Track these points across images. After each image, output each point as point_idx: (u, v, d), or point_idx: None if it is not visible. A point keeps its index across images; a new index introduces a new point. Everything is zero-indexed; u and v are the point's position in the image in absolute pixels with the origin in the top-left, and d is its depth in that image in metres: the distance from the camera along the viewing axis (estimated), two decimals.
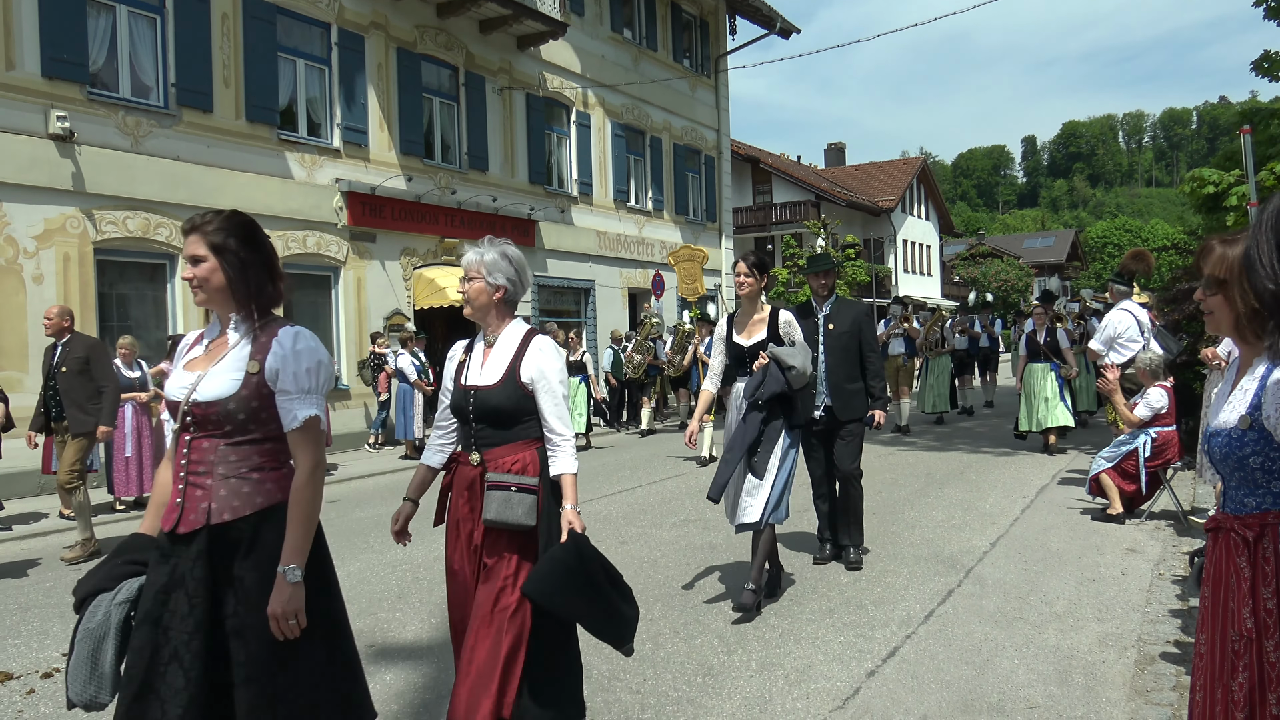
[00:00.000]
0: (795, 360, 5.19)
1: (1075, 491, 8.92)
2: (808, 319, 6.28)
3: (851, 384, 6.22)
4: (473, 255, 3.36)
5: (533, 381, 3.27)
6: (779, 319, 5.45)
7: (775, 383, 5.18)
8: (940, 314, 16.33)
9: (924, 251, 48.17)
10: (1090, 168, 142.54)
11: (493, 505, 3.19)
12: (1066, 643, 4.75)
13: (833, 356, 6.26)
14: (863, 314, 6.38)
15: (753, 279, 5.38)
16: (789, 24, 25.77)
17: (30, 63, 11.13)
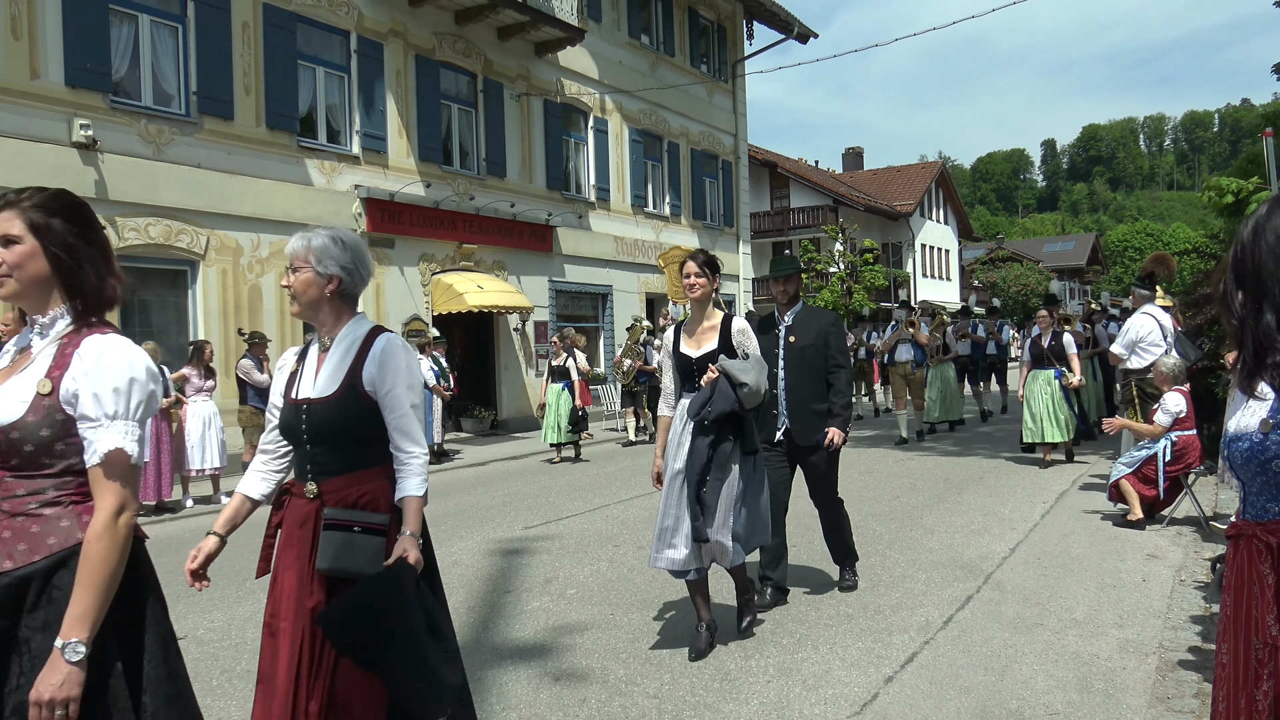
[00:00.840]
0: (748, 376, 4.54)
1: (1095, 497, 8.86)
2: (769, 330, 5.72)
3: (817, 404, 5.55)
4: (297, 242, 2.83)
5: (376, 390, 2.73)
6: (732, 328, 4.79)
7: (725, 401, 4.53)
8: (941, 319, 15.78)
9: (943, 256, 47.98)
10: (1111, 171, 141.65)
11: (329, 550, 2.64)
12: (1087, 649, 4.72)
13: (794, 373, 5.59)
14: (829, 324, 5.66)
15: (704, 280, 4.73)
16: (806, 28, 25.75)
17: (54, 72, 11.27)
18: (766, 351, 5.37)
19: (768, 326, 5.73)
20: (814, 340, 5.57)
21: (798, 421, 5.57)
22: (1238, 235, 1.93)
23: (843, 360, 5.61)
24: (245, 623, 5.68)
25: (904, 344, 14.37)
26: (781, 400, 5.60)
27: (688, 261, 4.79)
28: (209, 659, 5.00)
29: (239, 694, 4.46)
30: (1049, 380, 10.82)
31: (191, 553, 2.90)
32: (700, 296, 4.77)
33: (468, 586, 6.39)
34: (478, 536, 8.14)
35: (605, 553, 7.28)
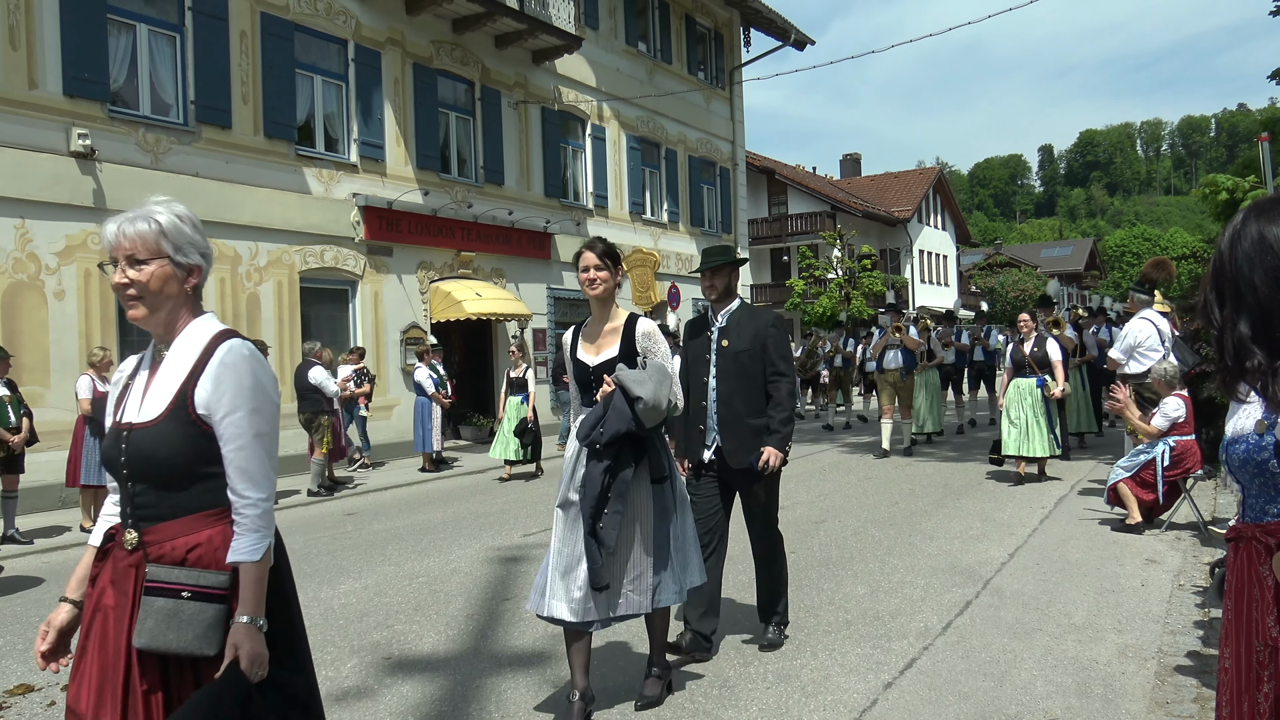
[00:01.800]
0: (643, 389, 3.81)
1: (1094, 502, 8.86)
2: (700, 333, 4.95)
3: (753, 418, 4.73)
4: (138, 226, 2.22)
5: (210, 414, 2.17)
6: (636, 330, 4.09)
7: (620, 419, 3.81)
8: (924, 324, 15.10)
9: (941, 261, 48.03)
10: (1108, 176, 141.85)
11: (147, 621, 2.07)
12: (1086, 654, 4.72)
13: (727, 382, 4.77)
14: (768, 325, 4.81)
15: (605, 273, 4.08)
16: (803, 35, 25.81)
17: (52, 82, 11.29)
18: (697, 357, 4.87)
19: (699, 328, 5.00)
20: (750, 345, 4.75)
21: (730, 439, 4.73)
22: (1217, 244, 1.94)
23: (784, 368, 4.78)
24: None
25: (892, 350, 13.48)
26: (712, 414, 4.79)
27: (584, 252, 4.10)
28: None
29: None
30: (1030, 390, 10.15)
31: (41, 629, 2.30)
32: (601, 293, 4.08)
33: (466, 594, 6.38)
34: (476, 544, 8.13)
35: None
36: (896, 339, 13.35)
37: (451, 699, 4.40)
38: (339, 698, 4.48)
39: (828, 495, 10.02)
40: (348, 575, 7.14)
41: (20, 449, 8.80)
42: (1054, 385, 10.06)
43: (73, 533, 9.40)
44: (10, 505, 8.94)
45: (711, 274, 4.88)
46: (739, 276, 5.03)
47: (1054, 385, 10.06)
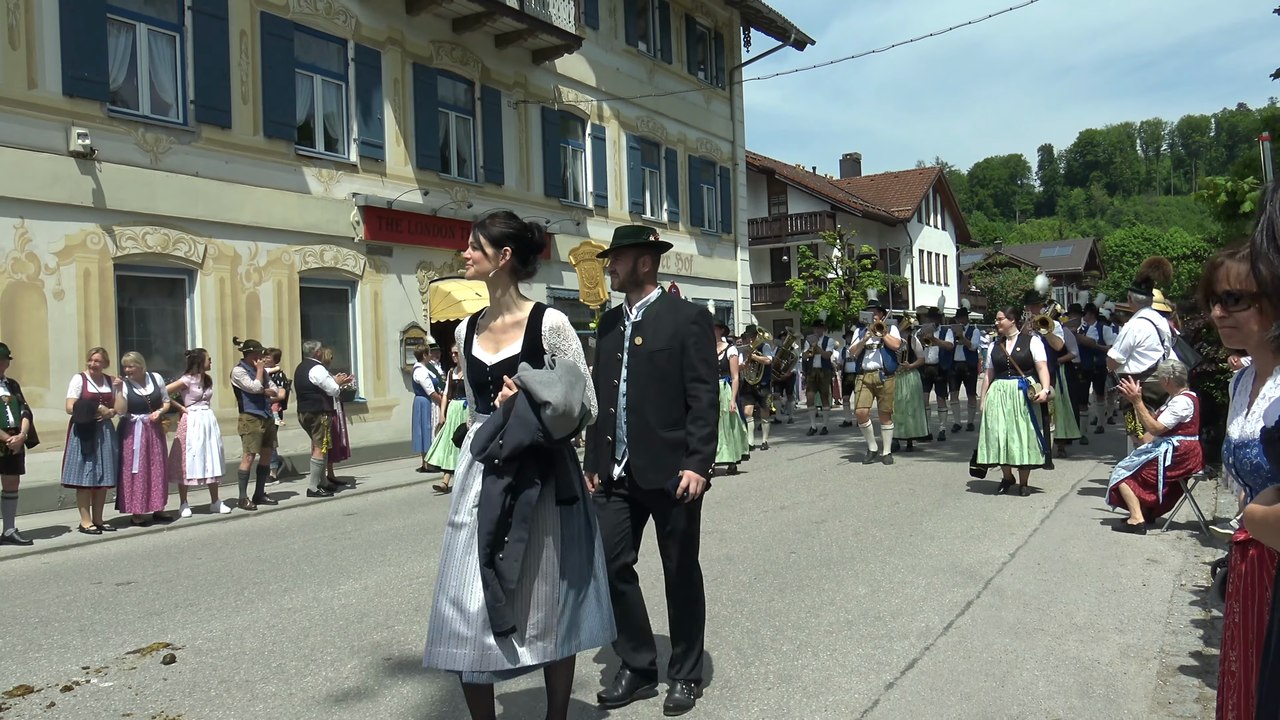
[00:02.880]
0: (552, 391, 3.21)
1: (1095, 501, 8.85)
2: (613, 327, 4.23)
3: (667, 431, 4.04)
4: None
5: None
6: (543, 323, 3.49)
7: (523, 429, 3.21)
8: (906, 322, 14.24)
9: (940, 261, 48.02)
10: (1108, 176, 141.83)
11: None
12: (1087, 654, 4.71)
13: (639, 387, 4.06)
14: (690, 322, 4.08)
15: (478, 254, 3.48)
16: (803, 35, 25.80)
17: (51, 81, 11.27)
18: (608, 356, 4.18)
19: (612, 322, 4.25)
20: (668, 344, 4.04)
21: (640, 454, 4.04)
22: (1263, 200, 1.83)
23: (705, 373, 4.06)
24: (244, 632, 5.66)
25: (872, 349, 12.66)
26: (620, 424, 4.09)
27: (473, 230, 3.56)
28: (207, 669, 4.99)
29: (237, 704, 4.45)
30: (1012, 392, 9.43)
31: None
32: (472, 275, 3.53)
33: None
34: None
35: None
36: (877, 338, 12.57)
37: (452, 700, 4.39)
38: (339, 699, 4.47)
39: (828, 495, 10.01)
40: (348, 576, 7.13)
41: (18, 449, 8.79)
42: (1038, 387, 9.37)
43: (72, 533, 9.39)
44: (10, 506, 8.92)
45: (616, 257, 4.16)
46: (654, 263, 4.22)
47: (1038, 387, 9.37)
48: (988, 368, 9.94)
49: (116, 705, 4.50)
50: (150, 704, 4.49)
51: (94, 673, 5.02)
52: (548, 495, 3.38)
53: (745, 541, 7.75)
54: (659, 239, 4.22)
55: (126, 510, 9.72)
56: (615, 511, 4.14)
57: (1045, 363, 9.49)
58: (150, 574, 7.54)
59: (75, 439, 9.30)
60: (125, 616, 6.22)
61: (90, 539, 9.13)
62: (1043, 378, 9.41)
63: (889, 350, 12.55)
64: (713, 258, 25.12)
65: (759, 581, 6.39)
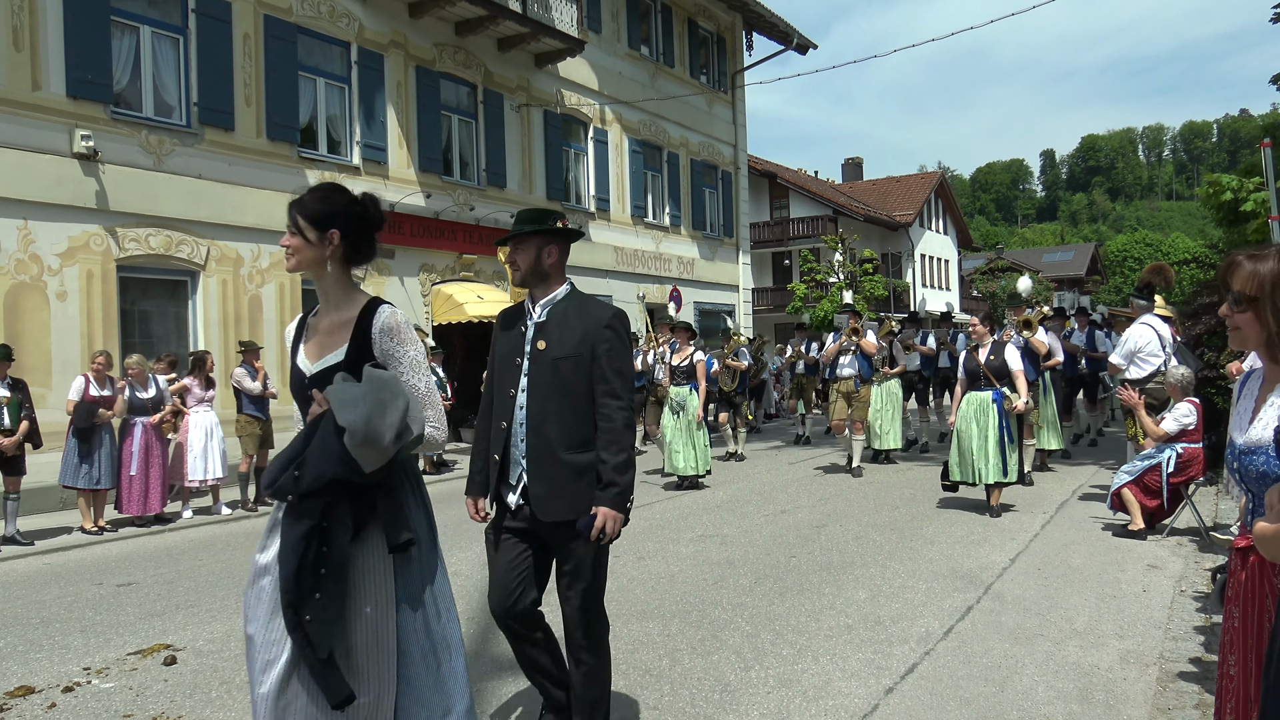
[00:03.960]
0: (350, 413, 2.58)
1: (1096, 507, 8.85)
2: (513, 328, 3.58)
3: (572, 453, 3.39)
4: None
5: None
6: (374, 324, 2.85)
7: (326, 458, 2.60)
8: (888, 326, 13.54)
9: (942, 266, 48.04)
10: (1110, 181, 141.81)
11: None
12: (1087, 660, 4.71)
13: (540, 400, 3.42)
14: (603, 326, 3.44)
15: (297, 240, 2.83)
16: (805, 39, 25.83)
17: (55, 83, 11.30)
18: (505, 361, 3.54)
19: (512, 321, 3.60)
20: (575, 350, 3.41)
21: (540, 480, 3.39)
22: None
23: (619, 386, 3.41)
24: None
25: (847, 355, 11.96)
26: (518, 442, 3.46)
27: (289, 211, 2.89)
28: (208, 671, 4.99)
29: (238, 706, 4.45)
30: (986, 405, 8.75)
31: None
32: (294, 266, 2.88)
33: (467, 598, 6.38)
34: (477, 547, 8.11)
35: None
36: (853, 343, 11.92)
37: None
38: None
39: (828, 499, 10.02)
40: None
41: (12, 452, 8.79)
42: (1014, 398, 8.65)
43: (73, 534, 9.40)
44: (12, 506, 8.94)
45: (516, 247, 3.51)
46: (562, 254, 3.57)
47: (1014, 398, 8.65)
48: (960, 377, 9.16)
49: (117, 706, 4.51)
50: (151, 705, 4.50)
51: (95, 673, 5.03)
52: (372, 540, 2.72)
53: (746, 545, 7.76)
54: (568, 224, 3.59)
55: (124, 512, 9.73)
56: (511, 546, 3.50)
57: (1021, 371, 8.82)
58: (151, 575, 7.55)
59: (73, 441, 9.32)
60: (126, 617, 6.23)
61: (92, 540, 9.15)
62: (1019, 388, 8.69)
63: (864, 356, 11.93)
64: (714, 261, 25.13)
65: (759, 585, 6.39)
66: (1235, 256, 2.23)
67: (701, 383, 11.33)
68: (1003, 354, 8.81)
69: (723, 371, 14.76)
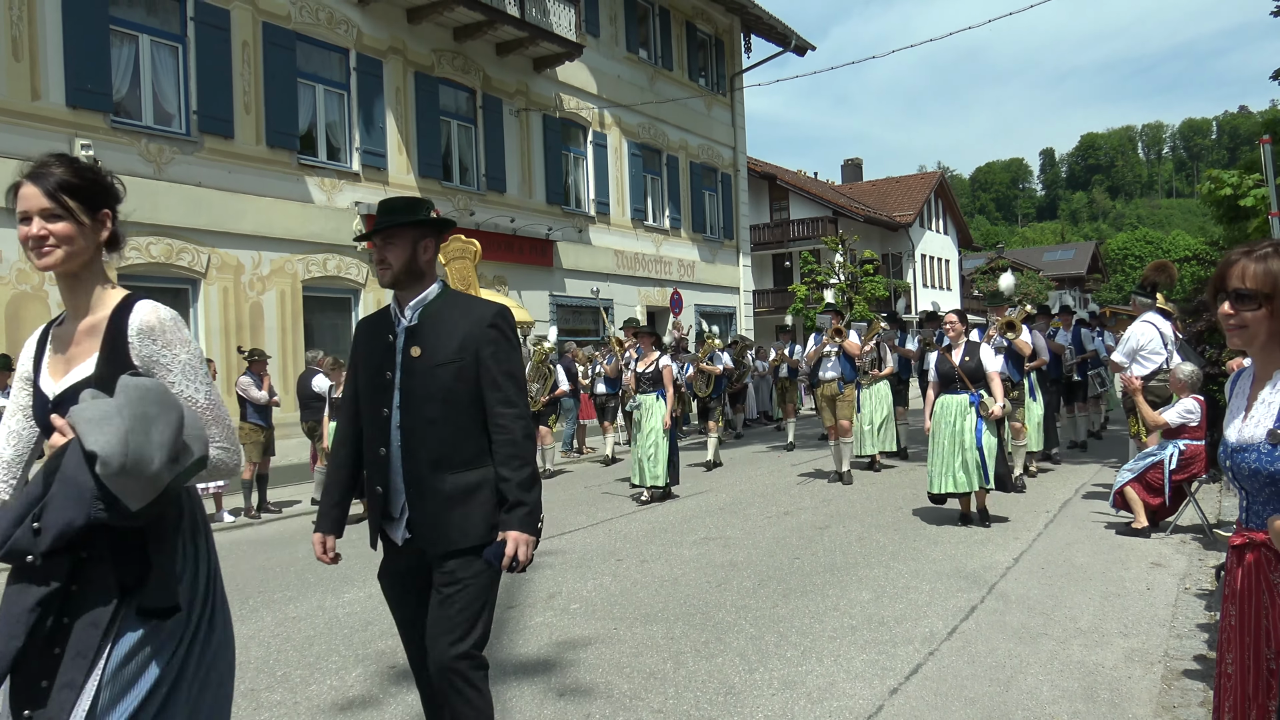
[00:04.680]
0: (103, 434, 1.97)
1: (1099, 505, 8.84)
2: (379, 337, 3.10)
3: (456, 474, 2.96)
4: None
5: None
6: (128, 324, 2.29)
7: (73, 500, 1.98)
8: (876, 327, 12.79)
9: (943, 266, 48.03)
10: (1109, 179, 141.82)
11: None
12: (1091, 659, 4.71)
13: (415, 415, 3.00)
14: (485, 324, 3.01)
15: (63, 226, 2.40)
16: (804, 41, 25.85)
17: (55, 93, 11.32)
18: (373, 374, 3.06)
19: (377, 329, 3.12)
20: (456, 355, 2.95)
21: (421, 508, 2.97)
22: None
23: (514, 392, 2.99)
24: (248, 641, 5.67)
25: (829, 358, 11.40)
26: (396, 468, 3.02)
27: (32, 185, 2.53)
28: None
29: (241, 713, 4.45)
30: (961, 409, 8.19)
31: None
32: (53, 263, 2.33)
33: None
34: None
35: (608, 567, 7.27)
36: (835, 344, 11.31)
37: None
38: (344, 707, 4.48)
39: (831, 501, 10.01)
40: (352, 584, 7.13)
41: None
42: (991, 402, 8.07)
43: None
44: None
45: (385, 242, 3.02)
46: (436, 248, 3.13)
47: (991, 402, 8.07)
48: (931, 380, 8.57)
49: None
50: None
51: None
52: (126, 606, 2.09)
53: (749, 547, 7.76)
54: (440, 215, 3.16)
55: None
56: (410, 590, 3.12)
57: (998, 374, 8.27)
58: None
59: None
60: None
61: None
62: (995, 391, 8.11)
63: (847, 358, 11.36)
64: (715, 264, 25.14)
65: (763, 587, 6.39)
66: (1232, 255, 2.22)
67: (669, 390, 10.56)
68: (978, 355, 8.26)
69: (697, 377, 14.44)
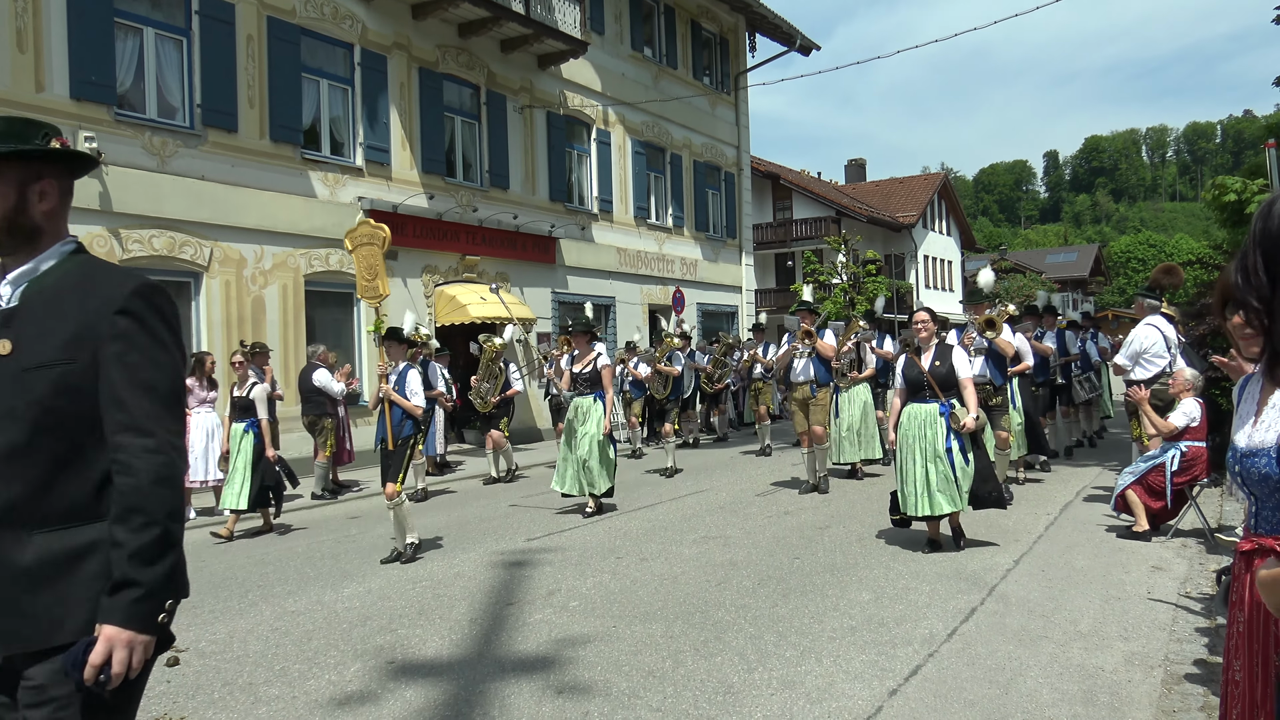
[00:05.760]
0: None
1: (1100, 508, 8.83)
2: None
3: (49, 532, 2.01)
4: None
5: None
6: None
7: None
8: (856, 326, 11.96)
9: (945, 267, 47.99)
10: (1113, 182, 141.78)
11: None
12: (1092, 662, 4.70)
13: None
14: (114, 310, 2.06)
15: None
16: (809, 41, 25.82)
17: (59, 85, 11.31)
18: None
19: None
20: (60, 355, 2.05)
21: None
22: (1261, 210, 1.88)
23: (145, 416, 2.05)
24: (247, 635, 5.67)
25: (801, 359, 10.54)
26: None
27: None
28: (210, 672, 4.99)
29: (240, 706, 4.45)
30: (930, 420, 7.28)
31: None
32: None
33: (470, 598, 6.37)
34: (480, 548, 8.12)
35: (608, 565, 7.26)
36: (807, 346, 10.46)
37: (455, 704, 4.39)
38: (342, 702, 4.48)
39: (831, 501, 10.00)
40: (351, 579, 7.14)
41: None
42: (963, 414, 7.17)
43: None
44: None
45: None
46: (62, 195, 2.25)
47: (963, 414, 7.17)
48: (898, 387, 7.66)
49: None
50: (154, 706, 4.50)
51: None
52: None
53: (749, 547, 7.75)
54: (68, 145, 2.26)
55: None
56: None
57: (971, 380, 7.36)
58: None
59: None
60: None
61: None
62: (968, 400, 7.20)
63: (821, 360, 10.51)
64: (717, 263, 25.13)
65: (762, 587, 6.38)
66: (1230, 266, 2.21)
67: (609, 392, 9.67)
68: (950, 359, 7.33)
69: (654, 378, 14.06)
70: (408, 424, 7.94)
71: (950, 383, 7.29)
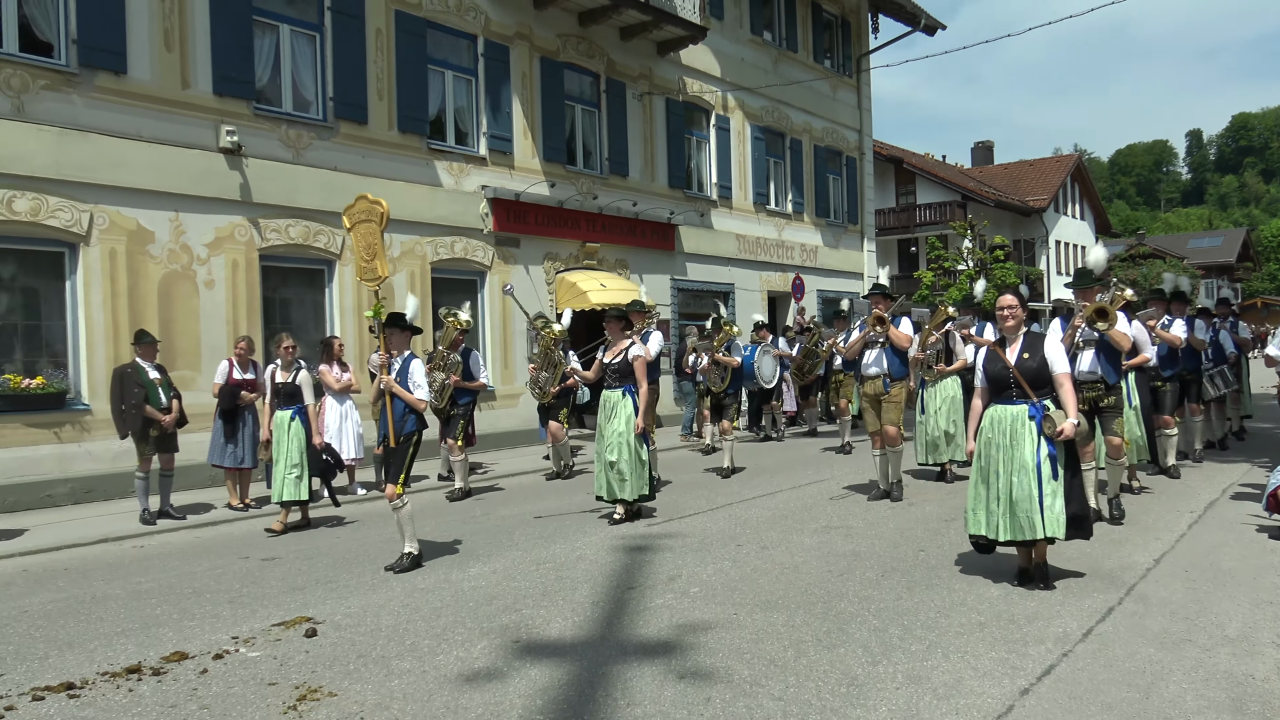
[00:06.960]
0: None
1: (1250, 507, 8.35)
2: None
3: None
4: None
5: None
6: None
7: None
8: (944, 312, 10.57)
9: (1079, 253, 46.09)
10: (1263, 162, 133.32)
11: None
12: (1241, 669, 4.45)
13: None
14: None
15: None
16: (934, 20, 25.12)
17: (203, 82, 11.88)
18: None
19: None
20: None
21: None
22: None
23: None
24: (380, 610, 5.86)
25: (873, 350, 9.45)
26: None
27: None
28: (345, 644, 5.19)
29: (374, 678, 4.61)
30: (1019, 421, 5.96)
31: None
32: None
33: (592, 581, 6.45)
34: (602, 532, 8.21)
35: (728, 552, 7.24)
36: (879, 334, 9.37)
37: (579, 685, 4.45)
38: (470, 678, 4.59)
39: (956, 492, 9.73)
40: (477, 559, 7.31)
41: (170, 429, 9.30)
42: (1059, 417, 5.87)
43: (219, 510, 9.89)
44: (166, 483, 9.47)
45: None
46: None
47: (1059, 417, 5.87)
48: (978, 385, 6.34)
49: (263, 674, 4.73)
50: (294, 674, 4.70)
51: (242, 642, 5.28)
52: None
53: (872, 538, 7.61)
54: None
55: None
56: None
57: (1069, 374, 6.05)
58: (292, 550, 7.89)
59: (219, 422, 9.81)
60: (270, 590, 6.53)
61: (237, 516, 9.62)
62: (1066, 402, 5.94)
63: (895, 351, 9.37)
64: (838, 249, 24.73)
65: (886, 579, 6.26)
66: None
67: (642, 384, 8.76)
68: (1041, 351, 6.01)
69: (711, 369, 12.41)
70: (410, 419, 7.19)
71: (1042, 379, 5.96)
